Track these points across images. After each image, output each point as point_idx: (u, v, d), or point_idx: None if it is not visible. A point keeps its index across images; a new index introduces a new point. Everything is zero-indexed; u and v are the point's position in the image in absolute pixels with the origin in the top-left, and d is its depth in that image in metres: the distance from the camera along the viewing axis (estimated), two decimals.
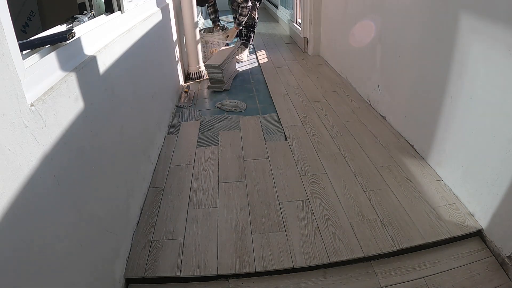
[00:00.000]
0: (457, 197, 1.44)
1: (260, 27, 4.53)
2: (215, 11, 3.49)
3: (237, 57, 3.33)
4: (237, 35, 3.53)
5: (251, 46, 3.63)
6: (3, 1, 0.72)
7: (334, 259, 1.20)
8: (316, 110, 2.27)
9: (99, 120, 1.12)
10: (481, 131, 1.27)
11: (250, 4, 3.21)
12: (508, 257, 1.15)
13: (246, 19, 3.27)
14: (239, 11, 3.27)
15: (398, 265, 1.20)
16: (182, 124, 2.19)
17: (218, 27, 3.51)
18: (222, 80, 2.70)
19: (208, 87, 2.74)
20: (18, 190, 0.69)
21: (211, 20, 3.55)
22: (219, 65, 2.62)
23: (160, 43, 2.15)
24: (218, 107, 2.41)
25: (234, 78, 2.97)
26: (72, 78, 0.97)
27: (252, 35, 3.53)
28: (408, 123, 1.84)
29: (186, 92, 2.71)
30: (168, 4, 2.47)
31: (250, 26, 3.48)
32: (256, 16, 3.47)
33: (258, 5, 3.45)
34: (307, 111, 2.26)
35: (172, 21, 2.58)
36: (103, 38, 1.32)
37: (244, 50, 3.49)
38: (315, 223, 1.35)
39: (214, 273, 1.18)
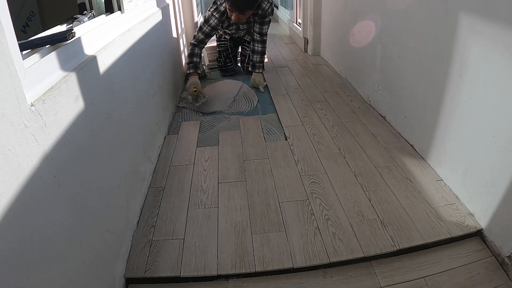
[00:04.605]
0: (457, 197, 1.44)
1: None
2: (201, 54, 2.66)
3: (260, 89, 2.66)
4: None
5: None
6: (3, 1, 0.72)
7: (334, 259, 1.20)
8: (316, 110, 2.27)
9: (99, 120, 1.12)
10: (481, 131, 1.27)
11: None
12: (508, 257, 1.15)
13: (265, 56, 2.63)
14: (257, 46, 2.69)
15: (398, 265, 1.20)
16: (182, 124, 2.19)
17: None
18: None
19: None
20: (18, 190, 0.69)
21: (190, 63, 2.53)
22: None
23: (160, 43, 2.15)
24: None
25: (232, 75, 2.96)
26: (72, 78, 0.97)
27: (265, 57, 2.87)
28: (408, 123, 1.84)
29: (194, 91, 2.43)
30: (168, 4, 2.47)
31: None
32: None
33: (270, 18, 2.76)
34: (307, 111, 2.26)
35: (172, 21, 2.58)
36: (103, 38, 1.32)
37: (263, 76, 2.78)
38: (315, 223, 1.35)
39: (214, 273, 1.18)
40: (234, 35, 2.87)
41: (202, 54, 2.76)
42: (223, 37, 2.92)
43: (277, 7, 5.29)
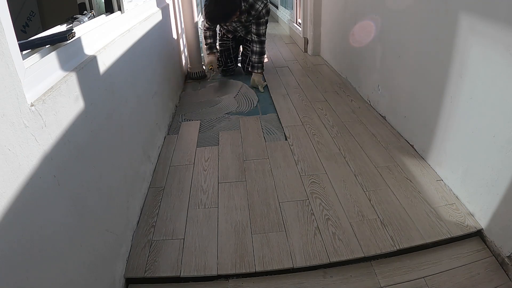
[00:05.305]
0: (457, 197, 1.44)
1: None
2: (215, 35, 2.84)
3: (260, 89, 2.67)
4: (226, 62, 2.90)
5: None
6: (3, 1, 0.72)
7: (334, 259, 1.20)
8: (316, 110, 2.27)
9: (99, 120, 1.12)
10: (481, 131, 1.27)
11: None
12: (508, 257, 1.15)
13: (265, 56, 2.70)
14: (255, 47, 2.67)
15: (398, 265, 1.20)
16: (182, 124, 2.19)
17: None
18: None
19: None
20: (18, 190, 0.69)
21: (206, 45, 2.83)
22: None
23: (160, 43, 2.15)
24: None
25: (232, 75, 2.97)
26: (72, 78, 0.97)
27: (264, 58, 2.82)
28: (408, 123, 1.84)
29: (211, 68, 2.84)
30: (168, 4, 2.47)
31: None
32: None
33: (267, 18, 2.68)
34: (307, 111, 2.26)
35: (172, 21, 2.58)
36: (103, 38, 1.32)
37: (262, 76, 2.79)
38: (315, 223, 1.35)
39: (214, 273, 1.18)
40: (235, 33, 2.88)
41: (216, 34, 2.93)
42: (225, 36, 2.92)
43: (277, 7, 5.28)
